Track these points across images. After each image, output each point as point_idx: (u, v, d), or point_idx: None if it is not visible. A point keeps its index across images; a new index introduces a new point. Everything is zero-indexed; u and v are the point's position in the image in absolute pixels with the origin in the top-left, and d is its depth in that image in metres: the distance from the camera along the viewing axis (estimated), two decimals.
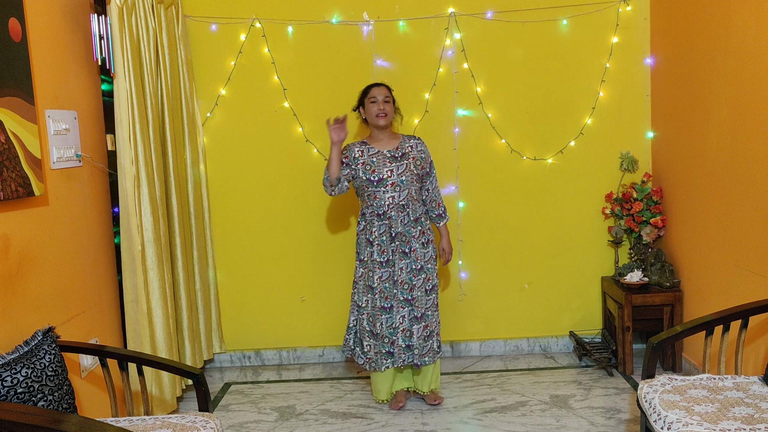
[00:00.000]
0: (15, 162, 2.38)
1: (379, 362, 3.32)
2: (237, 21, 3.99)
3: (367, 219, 3.33)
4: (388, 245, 3.30)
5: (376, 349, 3.33)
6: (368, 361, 3.36)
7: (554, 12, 4.00)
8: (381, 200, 3.28)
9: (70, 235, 2.85)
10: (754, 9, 2.87)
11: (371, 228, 3.31)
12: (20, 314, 2.43)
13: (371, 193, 3.29)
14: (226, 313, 4.18)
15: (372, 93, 3.34)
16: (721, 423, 2.09)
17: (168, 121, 3.50)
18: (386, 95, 3.34)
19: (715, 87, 3.24)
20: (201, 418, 2.31)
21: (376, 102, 3.32)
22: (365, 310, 3.35)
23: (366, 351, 3.36)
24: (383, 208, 3.29)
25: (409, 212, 3.31)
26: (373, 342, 3.34)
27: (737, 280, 3.10)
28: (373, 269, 3.30)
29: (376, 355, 3.34)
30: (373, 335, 3.34)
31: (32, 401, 2.08)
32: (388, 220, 3.29)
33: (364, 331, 3.36)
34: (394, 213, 3.29)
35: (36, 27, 2.65)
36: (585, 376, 3.78)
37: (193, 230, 3.81)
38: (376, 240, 3.30)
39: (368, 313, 3.34)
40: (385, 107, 3.32)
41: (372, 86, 3.38)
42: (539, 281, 4.19)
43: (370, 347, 3.35)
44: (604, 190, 4.11)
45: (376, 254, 3.30)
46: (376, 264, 3.30)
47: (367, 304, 3.35)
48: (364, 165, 3.30)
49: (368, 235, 3.32)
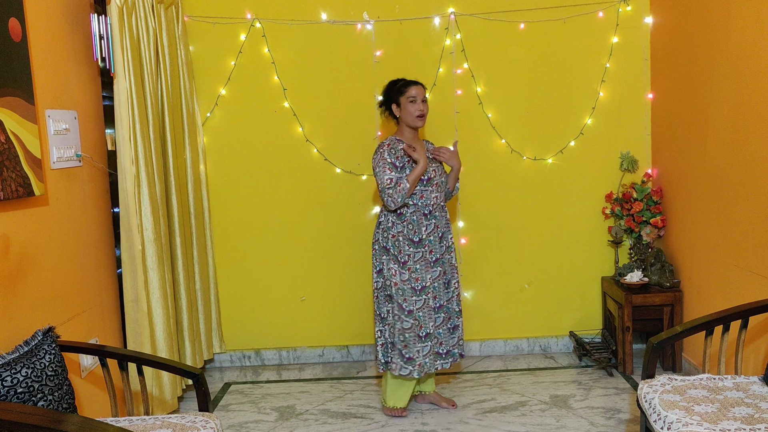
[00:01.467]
0: (15, 162, 2.38)
1: (430, 365, 3.20)
2: (237, 21, 4.00)
3: (407, 219, 3.17)
4: (438, 245, 3.22)
5: (425, 352, 3.19)
6: (418, 368, 3.18)
7: (554, 12, 4.00)
8: (427, 200, 3.18)
9: (70, 235, 2.85)
10: (754, 9, 2.87)
11: (417, 227, 3.17)
12: (20, 314, 2.43)
13: (419, 192, 3.17)
14: (226, 313, 4.18)
15: (411, 92, 3.18)
16: (721, 423, 2.09)
17: (168, 121, 3.50)
18: (424, 95, 3.22)
19: (715, 87, 3.24)
20: (201, 418, 2.31)
21: (416, 102, 3.18)
22: (414, 315, 3.16)
23: (414, 358, 3.17)
24: (429, 207, 3.19)
25: (446, 213, 3.30)
26: (422, 345, 3.18)
27: (737, 280, 3.10)
28: (422, 269, 3.17)
29: (425, 357, 3.19)
30: (421, 339, 3.18)
31: (32, 401, 2.08)
32: (434, 219, 3.21)
33: (414, 337, 3.17)
34: (438, 213, 3.24)
35: (36, 27, 2.65)
36: (585, 376, 3.78)
37: (193, 230, 3.81)
38: (426, 239, 3.18)
39: (416, 317, 3.17)
40: (424, 108, 3.20)
41: (410, 84, 3.22)
42: (539, 281, 4.19)
43: (419, 352, 3.18)
44: (604, 190, 4.11)
45: (427, 254, 3.18)
46: (426, 264, 3.17)
47: (414, 307, 3.17)
48: (410, 163, 3.17)
49: (412, 236, 3.17)
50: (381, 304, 3.27)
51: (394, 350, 3.21)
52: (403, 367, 3.18)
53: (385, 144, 3.20)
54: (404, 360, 3.18)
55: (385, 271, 3.22)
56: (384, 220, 3.23)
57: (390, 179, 3.11)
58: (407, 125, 3.23)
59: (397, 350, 3.20)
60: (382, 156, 3.16)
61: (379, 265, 3.25)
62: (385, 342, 3.26)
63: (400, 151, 3.18)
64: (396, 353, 3.20)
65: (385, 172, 3.13)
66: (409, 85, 3.22)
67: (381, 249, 3.24)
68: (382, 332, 3.27)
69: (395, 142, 3.22)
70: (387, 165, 3.14)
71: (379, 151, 3.19)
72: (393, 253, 3.19)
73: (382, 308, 3.26)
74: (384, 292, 3.24)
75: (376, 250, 3.27)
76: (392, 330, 3.21)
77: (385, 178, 3.12)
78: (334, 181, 4.09)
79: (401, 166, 3.15)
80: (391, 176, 3.12)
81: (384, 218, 3.23)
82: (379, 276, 3.26)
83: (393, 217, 3.20)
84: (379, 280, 3.27)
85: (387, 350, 3.26)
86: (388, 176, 3.12)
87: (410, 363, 3.17)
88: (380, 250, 3.24)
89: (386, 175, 3.12)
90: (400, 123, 3.27)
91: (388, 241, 3.20)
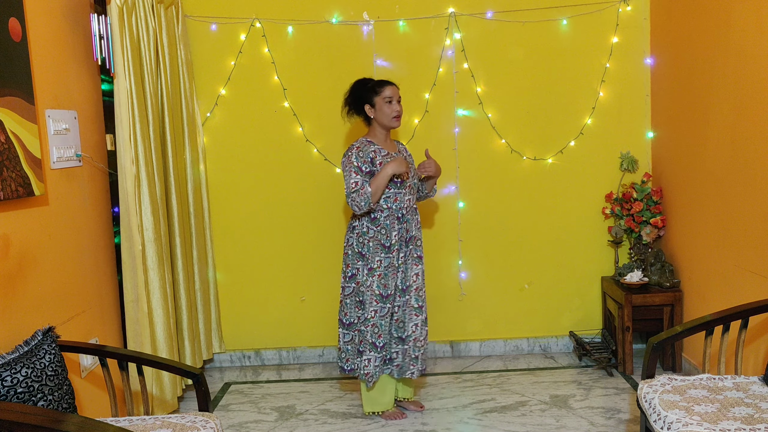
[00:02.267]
0: (15, 162, 2.38)
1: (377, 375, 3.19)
2: (237, 21, 4.00)
3: (380, 223, 3.12)
4: (405, 249, 3.18)
5: (376, 362, 3.17)
6: (365, 376, 3.18)
7: (554, 12, 4.00)
8: (401, 202, 3.14)
9: (70, 235, 2.85)
10: (754, 9, 2.87)
11: (388, 231, 3.12)
12: (20, 314, 2.43)
13: (392, 195, 3.13)
14: (226, 313, 4.18)
15: (387, 92, 3.13)
16: (721, 423, 2.09)
17: (168, 121, 3.50)
18: (399, 95, 3.17)
19: (715, 87, 3.24)
20: (201, 418, 2.31)
21: (392, 102, 3.13)
22: (371, 321, 3.13)
23: (363, 366, 3.17)
24: (402, 210, 3.15)
25: (417, 216, 3.27)
26: (375, 354, 3.16)
27: (737, 280, 3.10)
28: (387, 275, 3.13)
29: (375, 368, 3.17)
30: (376, 348, 3.15)
31: (32, 401, 2.08)
32: (405, 223, 3.17)
33: (366, 344, 3.15)
34: (410, 216, 3.19)
35: (36, 27, 2.65)
36: (585, 376, 3.78)
37: (193, 230, 3.81)
38: (396, 244, 3.14)
39: (374, 324, 3.14)
40: (400, 108, 3.16)
41: (384, 84, 3.17)
42: (539, 281, 4.19)
43: (369, 361, 3.16)
44: (604, 190, 4.11)
45: (395, 259, 3.14)
46: (392, 270, 3.14)
47: (375, 314, 3.14)
48: (382, 165, 3.09)
49: (383, 240, 3.12)
50: (350, 309, 3.21)
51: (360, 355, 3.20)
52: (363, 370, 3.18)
53: (355, 146, 3.13)
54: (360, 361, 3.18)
55: (359, 276, 3.16)
56: (359, 225, 3.16)
57: (355, 183, 3.05)
58: (382, 126, 3.18)
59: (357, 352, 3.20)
60: (349, 159, 3.10)
61: (352, 270, 3.19)
62: (354, 347, 3.22)
63: (369, 154, 3.11)
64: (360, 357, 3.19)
65: (351, 176, 3.07)
66: (383, 85, 3.16)
67: (355, 254, 3.17)
68: (352, 338, 3.22)
69: (366, 144, 3.15)
70: (353, 168, 3.07)
71: (347, 153, 3.13)
72: (365, 256, 3.14)
73: (351, 314, 3.21)
74: (354, 297, 3.19)
75: (348, 255, 3.21)
76: (361, 335, 3.18)
77: (351, 182, 3.07)
78: (334, 181, 4.09)
79: (367, 171, 3.08)
80: (357, 179, 3.06)
81: (358, 223, 3.17)
82: (351, 281, 3.20)
83: (367, 222, 3.15)
84: (350, 285, 3.20)
85: (356, 356, 3.21)
86: (353, 180, 3.06)
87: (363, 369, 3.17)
88: (354, 255, 3.18)
89: (351, 178, 3.07)
90: (373, 124, 3.20)
91: (363, 246, 3.15)
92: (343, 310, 3.24)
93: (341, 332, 3.26)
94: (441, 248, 4.12)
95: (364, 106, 3.19)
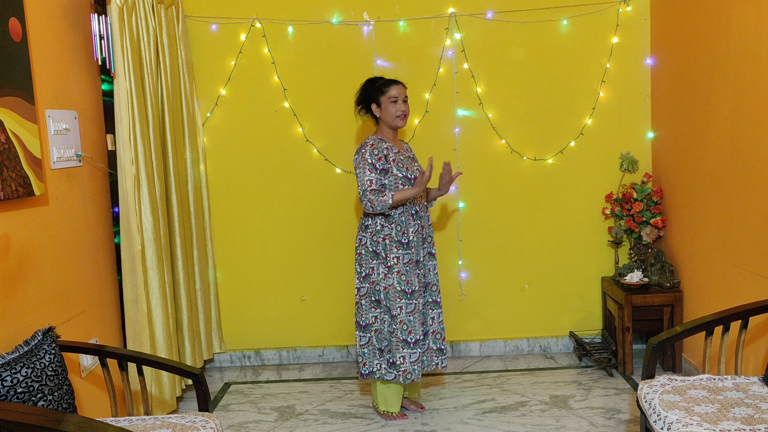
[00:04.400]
0: (15, 162, 2.38)
1: (417, 371, 3.13)
2: (237, 21, 4.00)
3: (395, 220, 3.10)
4: (420, 246, 3.17)
5: (413, 359, 3.12)
6: (403, 374, 3.11)
7: (554, 12, 4.00)
8: (414, 199, 3.14)
9: (70, 235, 2.85)
10: (754, 9, 2.87)
11: (405, 228, 3.10)
12: (20, 314, 2.43)
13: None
14: (226, 313, 4.18)
15: (392, 92, 3.13)
16: (721, 423, 2.09)
17: (168, 121, 3.50)
18: (405, 95, 3.17)
19: (715, 87, 3.24)
20: (201, 418, 2.31)
21: (397, 102, 3.13)
22: (398, 318, 3.09)
23: (398, 363, 3.10)
24: (416, 207, 3.16)
25: (428, 214, 3.29)
26: (410, 351, 3.11)
27: (737, 280, 3.10)
28: (408, 272, 3.10)
29: (412, 365, 3.12)
30: (409, 345, 3.10)
31: (32, 401, 2.08)
32: (420, 219, 3.18)
33: (400, 343, 3.09)
34: (423, 213, 3.22)
35: (36, 27, 2.65)
36: (585, 376, 3.78)
37: (193, 230, 3.81)
38: (413, 241, 3.12)
39: (402, 321, 3.09)
40: (406, 108, 3.16)
41: (390, 83, 3.16)
42: (539, 281, 4.19)
43: (404, 359, 3.10)
44: (604, 190, 4.11)
45: (415, 255, 3.13)
46: (412, 266, 3.12)
47: (401, 311, 3.09)
48: (395, 162, 3.10)
49: (400, 237, 3.10)
50: (366, 310, 3.18)
51: (382, 357, 3.16)
52: (387, 371, 3.14)
53: (368, 143, 3.12)
54: (388, 364, 3.14)
55: (374, 275, 3.14)
56: (372, 224, 3.14)
57: (370, 181, 3.05)
58: (388, 126, 3.19)
59: (384, 356, 3.16)
60: (363, 156, 3.09)
61: (366, 270, 3.17)
62: (372, 349, 3.19)
63: (383, 151, 3.11)
64: (384, 359, 3.16)
65: (365, 173, 3.06)
66: (389, 85, 3.16)
67: (369, 253, 3.15)
68: (369, 339, 3.19)
69: (378, 141, 3.14)
70: (368, 166, 3.07)
71: (361, 150, 3.12)
72: (383, 256, 3.12)
73: (367, 315, 3.18)
74: (370, 297, 3.17)
75: (362, 255, 3.18)
76: (380, 336, 3.16)
77: (365, 179, 3.06)
78: (334, 181, 4.09)
79: (381, 168, 3.08)
80: (371, 178, 3.05)
81: (372, 221, 3.15)
82: (365, 281, 3.18)
83: (381, 220, 3.12)
84: (364, 285, 3.18)
85: (373, 358, 3.19)
86: (368, 177, 3.05)
87: (394, 368, 3.12)
88: (368, 254, 3.15)
89: (366, 176, 3.06)
90: (380, 123, 3.21)
91: (378, 245, 3.12)
92: (359, 312, 3.21)
93: (358, 335, 3.22)
94: (441, 248, 4.11)
95: (371, 105, 3.20)
